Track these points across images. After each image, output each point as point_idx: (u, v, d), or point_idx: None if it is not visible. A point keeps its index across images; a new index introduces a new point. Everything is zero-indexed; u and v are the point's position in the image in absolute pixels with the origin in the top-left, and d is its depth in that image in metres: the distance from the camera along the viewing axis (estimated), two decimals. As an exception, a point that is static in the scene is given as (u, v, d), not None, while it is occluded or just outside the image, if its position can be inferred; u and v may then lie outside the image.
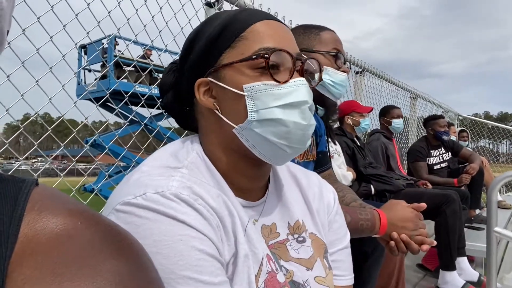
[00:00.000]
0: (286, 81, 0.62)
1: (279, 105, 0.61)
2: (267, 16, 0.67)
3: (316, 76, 0.72)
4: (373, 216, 1.10)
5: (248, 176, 0.68)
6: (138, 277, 0.36)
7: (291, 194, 0.76)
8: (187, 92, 0.69)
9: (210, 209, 0.57)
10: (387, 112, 3.30)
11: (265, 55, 0.61)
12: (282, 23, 0.68)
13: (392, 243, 1.08)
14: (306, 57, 0.67)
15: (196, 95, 0.66)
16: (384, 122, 3.30)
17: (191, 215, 0.54)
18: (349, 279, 0.80)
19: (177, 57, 0.78)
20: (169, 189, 0.55)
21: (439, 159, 3.67)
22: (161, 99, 0.76)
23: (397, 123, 3.23)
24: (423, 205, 1.12)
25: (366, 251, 1.41)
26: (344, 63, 1.28)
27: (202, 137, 0.70)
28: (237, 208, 0.63)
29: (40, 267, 0.31)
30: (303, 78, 0.64)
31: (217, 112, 0.64)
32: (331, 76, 1.23)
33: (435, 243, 1.15)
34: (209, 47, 0.65)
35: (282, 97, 0.61)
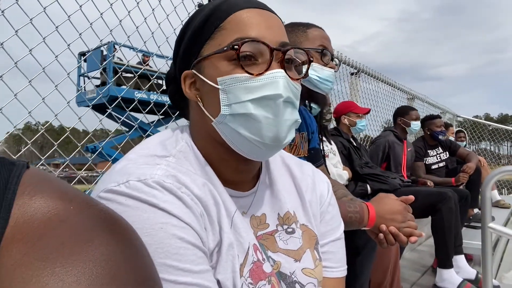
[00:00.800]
0: (260, 74, 0.59)
1: (251, 99, 0.59)
2: (249, 4, 0.63)
3: (304, 68, 0.70)
4: (362, 209, 1.12)
5: (234, 168, 0.67)
6: (131, 261, 0.35)
7: (283, 185, 0.75)
8: (179, 82, 0.68)
9: (194, 198, 0.57)
10: (405, 113, 3.21)
11: (235, 46, 0.58)
12: (269, 10, 0.65)
13: (381, 235, 1.10)
14: (289, 47, 0.63)
15: (183, 87, 0.66)
16: (402, 123, 3.21)
17: (173, 203, 0.54)
18: (341, 271, 0.78)
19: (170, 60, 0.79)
20: (152, 177, 0.55)
21: (437, 158, 3.68)
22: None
23: (415, 125, 3.17)
24: (411, 197, 1.14)
25: (358, 246, 1.42)
26: (332, 60, 1.30)
27: (191, 128, 0.69)
28: (223, 198, 0.63)
29: (31, 251, 0.31)
30: (281, 70, 0.60)
31: (200, 104, 0.64)
32: (317, 72, 1.25)
33: (423, 234, 1.16)
34: (194, 39, 0.64)
35: (254, 90, 0.59)
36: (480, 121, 7.85)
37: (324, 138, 1.90)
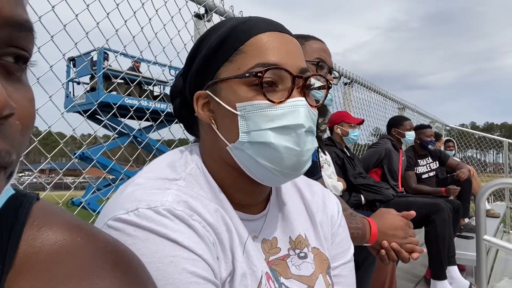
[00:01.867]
0: (281, 101, 0.57)
1: (272, 128, 0.57)
2: (270, 27, 0.61)
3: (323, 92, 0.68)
4: (364, 225, 1.10)
5: (247, 192, 0.65)
6: None
7: (293, 207, 0.73)
8: (191, 102, 0.66)
9: (206, 225, 0.55)
10: (399, 124, 3.21)
11: (258, 73, 0.56)
12: (288, 33, 0.63)
13: (383, 251, 1.08)
14: (310, 73, 0.61)
15: (195, 108, 0.63)
16: (396, 133, 3.20)
17: (184, 232, 0.52)
18: None
19: (166, 69, 0.78)
20: (163, 204, 0.53)
21: (427, 168, 3.70)
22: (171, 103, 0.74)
23: (410, 135, 3.17)
24: (413, 213, 1.12)
25: (357, 260, 1.41)
26: (330, 73, 1.28)
27: (202, 149, 0.67)
28: (235, 223, 0.61)
29: (38, 284, 0.31)
30: (302, 98, 0.58)
31: (213, 126, 0.62)
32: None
33: (425, 251, 1.15)
34: (209, 58, 0.62)
35: (275, 119, 0.57)
36: (467, 130, 7.98)
37: (318, 149, 1.89)
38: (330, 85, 0.68)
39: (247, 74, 0.57)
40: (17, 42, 0.29)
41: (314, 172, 1.44)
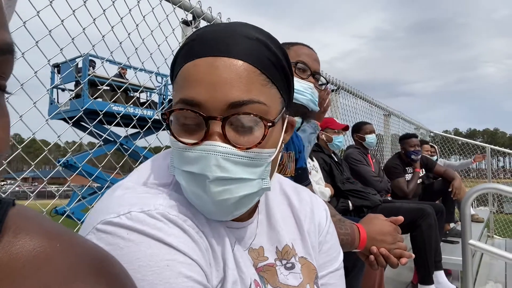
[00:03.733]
0: (196, 144, 0.52)
1: (184, 171, 0.53)
2: (206, 51, 0.53)
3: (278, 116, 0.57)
4: (353, 231, 1.10)
5: None
6: None
7: (281, 215, 0.71)
8: None
9: (199, 231, 0.54)
10: (359, 129, 3.35)
11: (163, 115, 0.54)
12: (233, 55, 0.53)
13: (372, 257, 1.08)
14: (234, 111, 0.52)
15: None
16: (358, 138, 3.35)
17: (179, 237, 0.50)
18: None
19: (153, 75, 0.77)
20: (157, 208, 0.51)
21: (413, 174, 3.74)
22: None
23: (370, 138, 3.29)
24: (401, 218, 1.13)
25: (347, 266, 1.40)
26: (314, 77, 1.30)
27: None
28: (225, 230, 0.60)
29: None
30: (215, 143, 0.51)
31: None
32: None
33: (413, 256, 1.16)
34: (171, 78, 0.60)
35: (187, 162, 0.52)
36: (450, 136, 8.11)
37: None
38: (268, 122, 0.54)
39: (164, 116, 0.54)
40: None
41: (303, 179, 1.44)
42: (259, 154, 0.54)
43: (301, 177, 1.42)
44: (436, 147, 5.70)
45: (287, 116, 0.62)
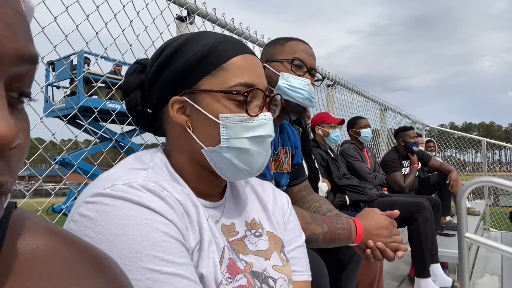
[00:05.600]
0: (256, 115, 0.69)
1: (248, 137, 0.68)
2: (244, 50, 0.72)
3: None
4: (349, 225, 1.11)
5: (209, 182, 0.74)
6: None
7: (247, 197, 0.83)
8: (157, 103, 0.73)
9: (175, 200, 0.61)
10: (354, 124, 3.34)
11: (245, 93, 0.68)
12: (256, 55, 0.75)
13: (368, 251, 1.09)
14: (273, 93, 0.76)
15: (170, 111, 0.70)
16: (353, 133, 3.34)
17: (156, 202, 0.58)
18: (308, 275, 0.84)
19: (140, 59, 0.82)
20: (136, 181, 0.59)
21: (410, 169, 3.76)
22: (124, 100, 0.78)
23: (365, 132, 3.28)
24: (396, 212, 1.14)
25: (343, 261, 1.41)
26: (310, 73, 1.28)
27: (170, 147, 0.74)
28: (199, 203, 0.68)
29: (22, 285, 0.32)
30: (269, 113, 0.72)
31: (188, 130, 0.70)
32: (287, 80, 1.23)
33: (409, 249, 1.16)
34: (188, 70, 0.69)
35: (251, 129, 0.69)
36: (446, 129, 8.14)
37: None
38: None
39: (234, 92, 0.68)
40: (23, 78, 0.31)
41: (300, 174, 1.44)
42: None
43: (297, 173, 1.42)
44: (435, 142, 5.71)
45: None
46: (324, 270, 1.16)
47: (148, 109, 0.77)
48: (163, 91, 0.71)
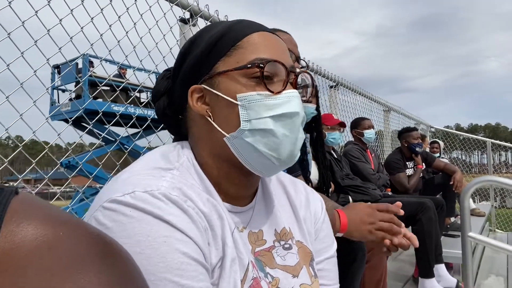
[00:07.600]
0: (279, 92, 0.62)
1: (271, 116, 0.61)
2: (263, 28, 0.67)
3: (309, 90, 0.73)
4: (333, 216, 1.13)
5: (237, 184, 0.68)
6: (124, 287, 0.35)
7: (278, 201, 0.76)
8: (180, 98, 0.69)
9: (199, 212, 0.57)
10: (358, 124, 3.34)
11: (260, 65, 0.61)
12: (277, 35, 0.69)
13: (387, 241, 1.06)
14: (299, 70, 0.68)
15: (189, 102, 0.66)
16: (356, 134, 3.33)
17: (178, 216, 0.54)
18: None
19: (152, 74, 0.80)
20: (159, 188, 0.55)
21: (414, 170, 3.74)
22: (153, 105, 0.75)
23: (369, 133, 3.28)
24: (399, 203, 1.14)
25: (346, 262, 1.42)
26: (298, 62, 1.35)
27: (193, 143, 0.69)
28: (225, 213, 0.63)
29: (17, 282, 0.29)
30: (295, 90, 0.64)
31: (209, 119, 0.64)
32: None
33: (403, 225, 1.13)
34: (206, 54, 0.65)
35: (274, 107, 0.61)
36: (451, 131, 8.10)
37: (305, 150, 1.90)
38: (315, 83, 0.74)
39: (249, 65, 0.62)
40: None
41: (293, 169, 1.45)
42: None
43: (291, 167, 1.44)
44: (439, 143, 5.66)
45: None
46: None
47: (177, 114, 0.72)
48: (184, 82, 0.67)
